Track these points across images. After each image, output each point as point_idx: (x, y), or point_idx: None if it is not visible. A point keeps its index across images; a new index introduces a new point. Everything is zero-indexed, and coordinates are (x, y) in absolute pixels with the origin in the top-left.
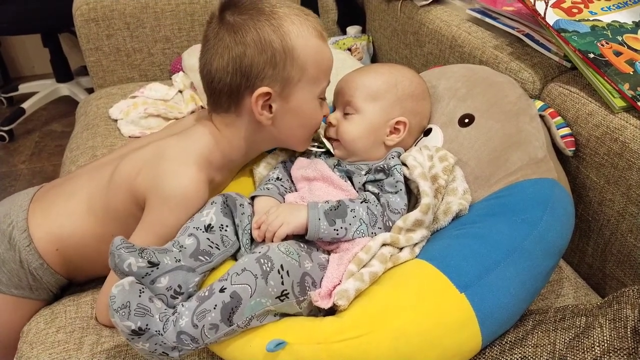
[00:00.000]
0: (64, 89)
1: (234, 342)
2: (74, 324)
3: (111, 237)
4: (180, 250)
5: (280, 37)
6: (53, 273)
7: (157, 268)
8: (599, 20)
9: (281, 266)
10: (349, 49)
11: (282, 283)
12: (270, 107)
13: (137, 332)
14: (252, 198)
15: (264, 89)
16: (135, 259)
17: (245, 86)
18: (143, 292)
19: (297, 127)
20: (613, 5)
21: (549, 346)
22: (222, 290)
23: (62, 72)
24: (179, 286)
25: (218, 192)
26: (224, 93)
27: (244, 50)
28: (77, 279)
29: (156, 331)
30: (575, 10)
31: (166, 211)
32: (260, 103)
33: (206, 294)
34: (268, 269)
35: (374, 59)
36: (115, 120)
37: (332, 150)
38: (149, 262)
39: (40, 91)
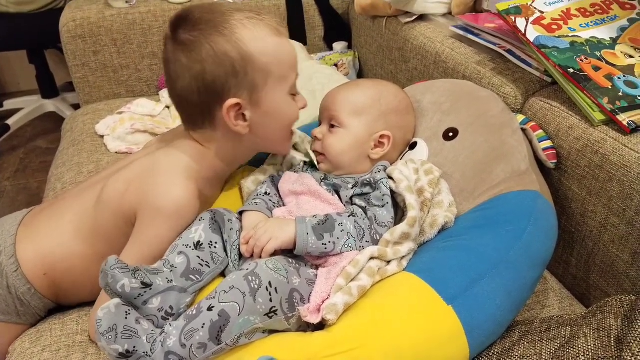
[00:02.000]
0: (50, 105)
1: None
2: (60, 342)
3: (101, 258)
4: (172, 270)
5: (235, 45)
6: (41, 297)
7: (150, 289)
8: (577, 37)
9: (269, 283)
10: (336, 65)
11: (271, 300)
12: (244, 115)
13: (125, 355)
14: (241, 213)
15: (232, 101)
16: (129, 279)
17: (213, 101)
18: (129, 313)
19: (276, 128)
20: (591, 22)
21: (535, 357)
22: (210, 308)
23: (48, 88)
24: (171, 307)
25: (208, 206)
26: (195, 111)
27: (202, 68)
28: (65, 303)
29: (144, 352)
30: (555, 27)
31: (159, 223)
32: (233, 114)
33: (194, 312)
34: (256, 286)
35: (360, 75)
36: (102, 136)
37: (316, 164)
38: (142, 282)
39: (25, 107)
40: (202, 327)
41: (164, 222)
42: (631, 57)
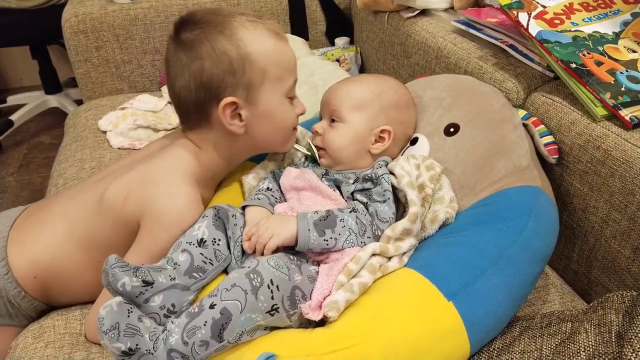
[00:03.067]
0: (53, 101)
1: (225, 358)
2: (63, 339)
3: (98, 264)
4: (175, 268)
5: (235, 45)
6: (31, 300)
7: (152, 287)
8: (580, 31)
9: (271, 281)
10: (338, 60)
11: (272, 298)
12: (240, 115)
13: (128, 353)
14: (243, 208)
15: (228, 99)
16: (129, 278)
17: (210, 99)
18: (132, 311)
19: (272, 130)
20: (594, 17)
21: (535, 352)
22: (212, 306)
23: (51, 83)
24: (173, 305)
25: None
26: (192, 110)
27: (201, 65)
28: (56, 304)
29: (146, 350)
30: (557, 22)
31: (160, 232)
32: (229, 113)
33: (196, 310)
34: (258, 284)
35: (362, 70)
36: (105, 132)
37: (317, 159)
38: (144, 281)
39: (28, 103)
40: (204, 324)
41: (165, 231)
42: (634, 51)
